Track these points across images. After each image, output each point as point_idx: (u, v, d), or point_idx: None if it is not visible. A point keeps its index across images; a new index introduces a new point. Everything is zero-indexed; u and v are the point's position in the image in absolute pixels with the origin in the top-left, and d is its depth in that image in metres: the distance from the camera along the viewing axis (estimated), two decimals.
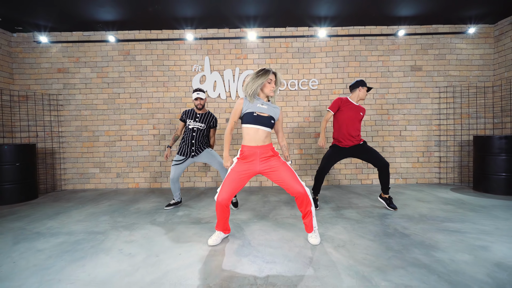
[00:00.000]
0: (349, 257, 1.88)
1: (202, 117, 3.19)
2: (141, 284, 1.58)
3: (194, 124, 3.14)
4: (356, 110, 3.02)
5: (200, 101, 3.14)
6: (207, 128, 3.21)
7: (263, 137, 2.07)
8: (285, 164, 2.09)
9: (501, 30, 4.38)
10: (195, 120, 3.16)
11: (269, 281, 1.58)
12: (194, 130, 3.13)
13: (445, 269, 1.68)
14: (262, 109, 2.07)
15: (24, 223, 2.76)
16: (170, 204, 3.27)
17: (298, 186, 2.00)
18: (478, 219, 2.63)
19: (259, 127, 2.05)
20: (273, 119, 2.10)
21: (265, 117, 2.06)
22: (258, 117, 2.04)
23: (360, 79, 3.05)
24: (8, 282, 1.63)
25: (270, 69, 2.06)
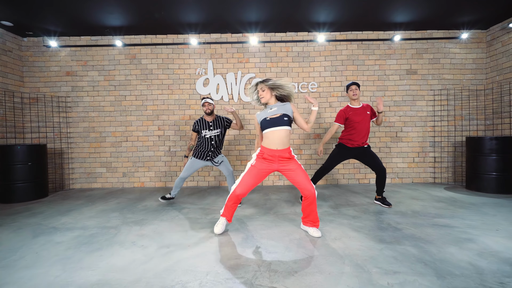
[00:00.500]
0: (344, 248, 2.05)
1: (215, 123, 3.32)
2: (155, 270, 1.75)
3: (211, 133, 3.28)
4: (362, 112, 3.15)
5: (208, 106, 3.26)
6: (223, 130, 3.35)
7: (282, 137, 2.21)
8: (300, 167, 2.27)
9: (493, 36, 4.56)
10: (209, 129, 3.29)
11: (271, 268, 1.75)
12: (212, 138, 3.28)
13: (431, 258, 1.85)
14: (272, 112, 2.25)
15: (40, 219, 2.93)
16: (166, 197, 3.52)
17: (310, 187, 2.20)
18: (467, 215, 2.80)
19: (276, 128, 2.20)
20: (286, 116, 2.23)
21: (277, 117, 2.21)
22: (272, 120, 2.21)
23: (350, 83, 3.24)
24: (34, 270, 1.79)
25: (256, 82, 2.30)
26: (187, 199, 3.78)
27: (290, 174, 2.25)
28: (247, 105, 4.78)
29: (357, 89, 3.15)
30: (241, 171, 4.76)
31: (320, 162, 4.74)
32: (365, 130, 3.15)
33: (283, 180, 4.80)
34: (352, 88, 3.16)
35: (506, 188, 3.77)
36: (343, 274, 1.66)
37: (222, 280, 1.62)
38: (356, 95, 3.14)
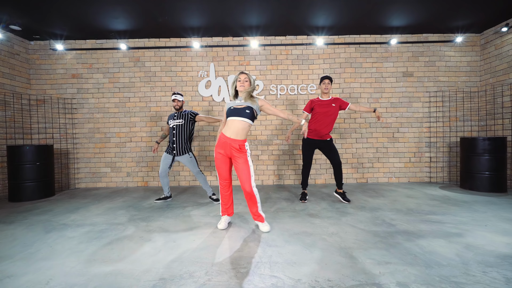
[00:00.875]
0: (340, 242, 2.18)
1: (180, 114, 3.50)
2: (164, 261, 1.88)
3: (174, 122, 3.46)
4: (328, 104, 3.36)
5: (177, 103, 3.47)
6: (187, 122, 3.48)
7: (238, 128, 2.35)
8: (246, 164, 2.37)
9: (487, 39, 4.70)
10: (173, 119, 3.49)
11: (272, 260, 1.88)
12: (174, 128, 3.44)
13: (421, 250, 1.98)
14: (239, 104, 2.41)
15: (50, 216, 3.06)
16: (160, 198, 3.69)
17: (247, 186, 2.34)
18: (458, 212, 2.93)
19: (236, 118, 2.35)
20: (248, 109, 2.35)
21: (241, 108, 2.36)
22: (235, 110, 2.36)
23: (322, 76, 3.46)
24: (50, 261, 1.92)
25: (242, 71, 2.45)
26: (190, 197, 3.91)
27: (236, 166, 2.40)
28: None
29: (330, 84, 3.35)
30: None
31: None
32: (328, 122, 3.34)
33: (283, 180, 4.93)
34: (325, 82, 3.35)
35: (498, 187, 3.90)
36: (339, 264, 1.79)
37: (226, 270, 1.75)
38: (327, 88, 3.35)
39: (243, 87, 2.39)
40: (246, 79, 2.40)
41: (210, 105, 4.91)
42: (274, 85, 4.90)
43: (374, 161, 4.92)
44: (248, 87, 2.40)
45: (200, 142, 4.94)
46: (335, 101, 3.39)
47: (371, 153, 4.92)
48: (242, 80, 2.40)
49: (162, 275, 1.69)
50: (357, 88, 4.91)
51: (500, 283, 1.53)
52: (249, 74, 2.42)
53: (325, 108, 3.35)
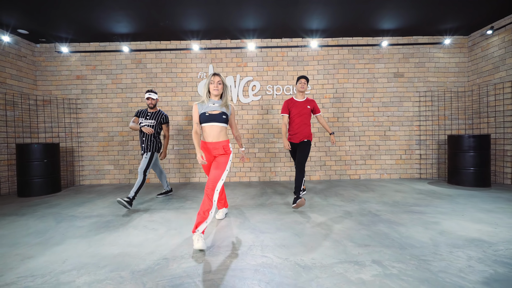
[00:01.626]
0: (327, 229, 2.39)
1: (153, 114, 3.52)
2: (167, 246, 2.08)
3: (145, 122, 3.48)
4: (302, 106, 3.31)
5: (152, 101, 3.49)
6: (158, 124, 3.52)
7: (217, 132, 2.29)
8: (225, 163, 2.28)
9: (474, 41, 4.91)
10: (146, 118, 3.49)
11: (264, 244, 2.09)
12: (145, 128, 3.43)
13: (399, 235, 2.19)
14: (213, 108, 2.29)
15: (58, 209, 3.27)
16: (162, 193, 3.88)
17: (210, 184, 2.15)
18: (440, 204, 3.14)
19: (214, 124, 2.27)
20: (225, 115, 2.31)
21: (216, 114, 2.28)
22: (211, 116, 2.26)
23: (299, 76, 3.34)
24: (64, 246, 2.13)
25: (215, 73, 2.31)
26: (190, 192, 4.12)
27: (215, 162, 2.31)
28: (246, 106, 5.11)
29: (306, 84, 3.30)
30: (240, 169, 5.11)
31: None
32: (304, 124, 3.27)
33: (280, 176, 5.13)
34: (302, 82, 3.30)
35: (482, 182, 4.11)
36: (323, 247, 1.99)
37: (223, 251, 1.95)
38: (303, 88, 3.29)
39: (217, 90, 2.29)
40: (219, 82, 2.30)
41: None
42: (270, 85, 5.11)
43: (367, 158, 5.13)
44: (221, 90, 2.32)
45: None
46: (310, 103, 3.36)
47: (363, 151, 5.13)
48: (215, 83, 2.28)
49: (165, 256, 1.89)
50: (350, 88, 5.12)
51: (462, 260, 1.74)
52: (222, 77, 2.30)
53: (298, 108, 3.30)
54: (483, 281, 1.50)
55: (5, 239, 2.29)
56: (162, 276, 1.62)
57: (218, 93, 2.32)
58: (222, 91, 2.35)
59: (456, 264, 1.69)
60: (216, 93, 2.31)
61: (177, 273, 1.64)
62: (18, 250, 2.05)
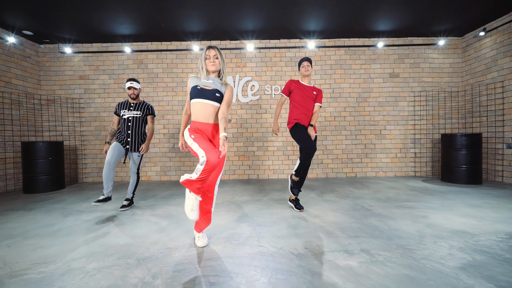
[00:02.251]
0: (321, 222, 2.52)
1: (137, 105, 3.09)
2: (169, 236, 2.22)
3: (129, 114, 3.03)
4: (309, 90, 2.95)
5: (134, 91, 3.04)
6: (144, 116, 3.13)
7: (211, 112, 1.95)
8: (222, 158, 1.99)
9: (467, 42, 5.03)
10: (129, 110, 3.05)
11: (261, 235, 2.22)
12: (130, 119, 3.03)
13: (388, 228, 2.32)
14: (206, 83, 1.97)
15: (64, 205, 3.40)
16: (100, 200, 2.85)
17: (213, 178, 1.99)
18: (431, 200, 3.27)
19: (205, 101, 1.93)
20: (219, 93, 1.97)
21: (209, 90, 1.95)
22: (202, 90, 1.94)
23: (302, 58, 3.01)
24: (72, 237, 2.26)
25: (210, 45, 2.00)
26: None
27: None
28: (245, 105, 5.24)
29: (309, 66, 2.94)
30: (239, 167, 5.24)
31: None
32: (308, 108, 2.92)
33: (278, 174, 5.26)
34: (304, 65, 2.94)
35: (474, 179, 4.24)
36: (316, 237, 2.13)
37: (222, 242, 2.08)
38: (308, 71, 2.93)
39: (214, 66, 1.99)
40: (216, 56, 1.99)
41: None
42: (269, 85, 5.23)
43: (363, 156, 5.26)
44: (219, 65, 2.01)
45: None
46: (316, 89, 3.00)
47: (359, 149, 5.26)
48: (211, 57, 1.98)
49: (168, 246, 2.02)
50: (347, 88, 5.25)
51: (444, 249, 1.87)
52: (218, 50, 1.99)
53: (305, 92, 2.93)
54: (461, 266, 1.63)
55: (16, 231, 2.42)
56: (166, 263, 1.75)
57: (215, 69, 2.01)
58: (220, 67, 2.03)
59: (438, 253, 1.82)
60: (214, 69, 2.00)
61: (179, 260, 1.77)
62: (30, 241, 2.18)
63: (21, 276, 1.62)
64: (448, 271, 1.57)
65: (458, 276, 1.53)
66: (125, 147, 3.06)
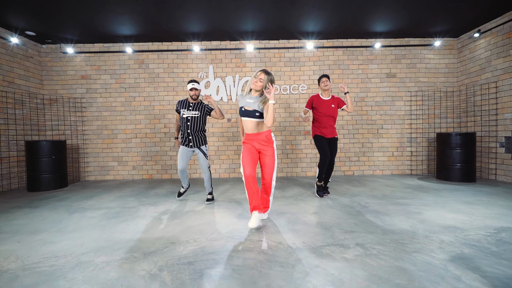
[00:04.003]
0: (319, 218, 2.62)
1: (196, 105, 3.26)
2: (172, 232, 2.31)
3: (188, 113, 3.21)
4: (327, 104, 3.40)
5: (195, 92, 3.21)
6: (203, 116, 3.29)
7: (254, 126, 2.40)
8: (273, 157, 2.42)
9: (463, 43, 5.13)
10: (188, 109, 3.22)
11: (261, 231, 2.31)
12: (189, 119, 3.20)
13: (383, 223, 2.42)
14: (249, 104, 2.39)
15: (69, 202, 3.48)
16: (181, 193, 3.52)
17: (269, 177, 2.44)
18: (425, 197, 3.38)
19: (247, 118, 2.40)
20: (258, 112, 2.36)
21: (250, 111, 2.38)
22: (245, 111, 2.39)
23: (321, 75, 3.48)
24: (80, 233, 2.35)
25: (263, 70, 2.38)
26: (192, 187, 4.34)
27: (262, 157, 2.44)
28: None
29: (328, 81, 3.40)
30: (240, 166, 5.32)
31: (308, 154, 5.31)
32: (329, 122, 3.39)
33: (279, 172, 5.35)
34: (323, 80, 3.42)
35: (468, 177, 4.35)
36: (313, 233, 2.23)
37: (223, 237, 2.18)
38: (327, 86, 3.38)
39: (257, 87, 2.38)
40: (261, 79, 2.35)
41: None
42: None
43: (360, 155, 5.36)
44: (260, 87, 2.36)
45: None
46: (334, 101, 3.43)
47: (357, 148, 5.36)
48: (257, 78, 2.36)
49: (172, 241, 2.12)
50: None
51: (434, 243, 1.98)
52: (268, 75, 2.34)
53: (323, 107, 3.38)
54: (449, 258, 1.73)
55: (25, 227, 2.51)
56: (171, 256, 1.84)
57: (257, 89, 2.39)
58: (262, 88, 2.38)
59: (428, 246, 1.92)
60: (256, 89, 2.39)
61: (184, 254, 1.87)
62: (39, 236, 2.26)
63: (33, 269, 1.71)
64: (437, 263, 1.67)
65: (447, 267, 1.63)
66: (189, 146, 3.26)
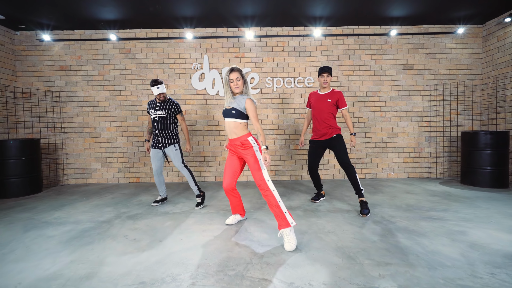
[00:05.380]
0: (337, 241, 2.04)
1: (162, 104, 3.10)
2: (146, 263, 1.74)
3: (155, 114, 3.09)
4: (322, 99, 2.96)
5: (160, 96, 3.06)
6: (170, 115, 3.13)
7: (232, 128, 2.21)
8: (254, 158, 2.14)
9: (489, 31, 4.55)
10: (155, 109, 3.10)
11: (263, 260, 1.74)
12: (155, 119, 3.08)
13: (423, 250, 1.85)
14: (228, 103, 2.21)
15: (32, 214, 2.90)
16: (157, 200, 3.23)
17: (257, 179, 2.10)
18: (460, 209, 2.81)
19: (226, 119, 2.24)
20: (234, 110, 2.16)
21: (227, 110, 2.20)
22: (224, 111, 2.23)
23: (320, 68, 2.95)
24: (24, 263, 1.77)
25: (231, 68, 2.17)
26: (182, 192, 3.77)
27: (246, 161, 2.23)
28: None
29: (328, 77, 2.91)
30: None
31: None
32: (322, 118, 2.93)
33: (279, 176, 4.79)
34: (324, 76, 2.91)
35: (500, 182, 3.78)
36: (335, 266, 1.65)
37: (213, 272, 1.61)
38: (326, 82, 2.92)
39: (239, 88, 2.18)
40: (238, 78, 2.16)
41: (204, 98, 4.74)
42: (270, 78, 4.73)
43: (373, 156, 4.79)
44: (242, 86, 2.19)
45: (194, 137, 4.78)
46: (333, 96, 2.95)
47: (369, 148, 4.79)
48: (234, 80, 2.16)
49: (142, 279, 1.54)
50: (356, 81, 4.76)
51: (510, 286, 1.41)
52: (240, 71, 2.18)
53: (318, 102, 2.98)
54: None
55: None
56: None
57: (240, 91, 2.21)
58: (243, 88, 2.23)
59: None
60: (238, 91, 2.20)
61: None
62: None
63: None
64: None
65: None
66: (159, 147, 3.11)
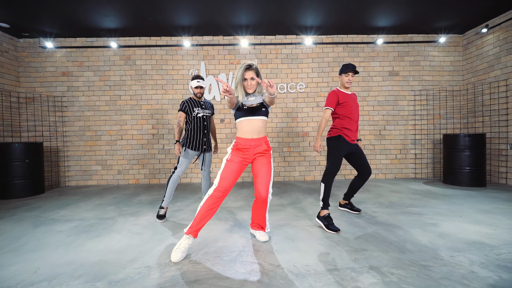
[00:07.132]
0: (322, 232, 2.27)
1: (206, 104, 2.85)
2: (150, 252, 1.94)
3: (204, 112, 2.76)
4: (354, 99, 2.64)
5: (200, 90, 2.75)
6: (211, 116, 2.92)
7: (261, 127, 1.96)
8: (269, 164, 2.00)
9: (468, 40, 4.87)
10: (201, 108, 2.76)
11: (255, 248, 1.96)
12: (204, 118, 2.76)
13: (397, 239, 2.09)
14: (251, 102, 1.94)
15: (39, 212, 3.08)
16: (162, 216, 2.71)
17: (264, 191, 1.94)
18: (437, 205, 3.06)
19: (252, 117, 1.93)
20: (264, 107, 1.97)
21: (255, 107, 1.94)
22: (249, 108, 1.93)
23: (343, 64, 2.58)
24: (39, 253, 1.96)
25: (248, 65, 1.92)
26: (180, 193, 3.96)
27: (257, 165, 1.98)
28: None
29: (353, 76, 2.56)
30: None
31: (309, 159, 4.98)
32: (357, 120, 2.64)
33: (275, 177, 4.99)
34: (350, 74, 2.53)
35: (478, 182, 4.05)
36: (317, 252, 1.88)
37: (210, 258, 1.82)
38: (350, 82, 2.56)
39: (252, 88, 1.93)
40: (253, 78, 1.90)
41: None
42: None
43: None
44: (256, 86, 1.94)
45: None
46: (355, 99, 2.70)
47: None
48: (248, 80, 1.90)
49: (147, 263, 1.75)
50: None
51: (464, 265, 1.64)
52: (257, 69, 1.92)
53: (353, 102, 2.59)
54: None
55: None
56: (142, 287, 1.48)
57: (253, 91, 1.95)
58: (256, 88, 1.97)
59: (458, 270, 1.59)
60: (252, 91, 1.95)
61: (160, 283, 1.50)
62: None
63: None
64: None
65: None
66: (202, 149, 2.77)
